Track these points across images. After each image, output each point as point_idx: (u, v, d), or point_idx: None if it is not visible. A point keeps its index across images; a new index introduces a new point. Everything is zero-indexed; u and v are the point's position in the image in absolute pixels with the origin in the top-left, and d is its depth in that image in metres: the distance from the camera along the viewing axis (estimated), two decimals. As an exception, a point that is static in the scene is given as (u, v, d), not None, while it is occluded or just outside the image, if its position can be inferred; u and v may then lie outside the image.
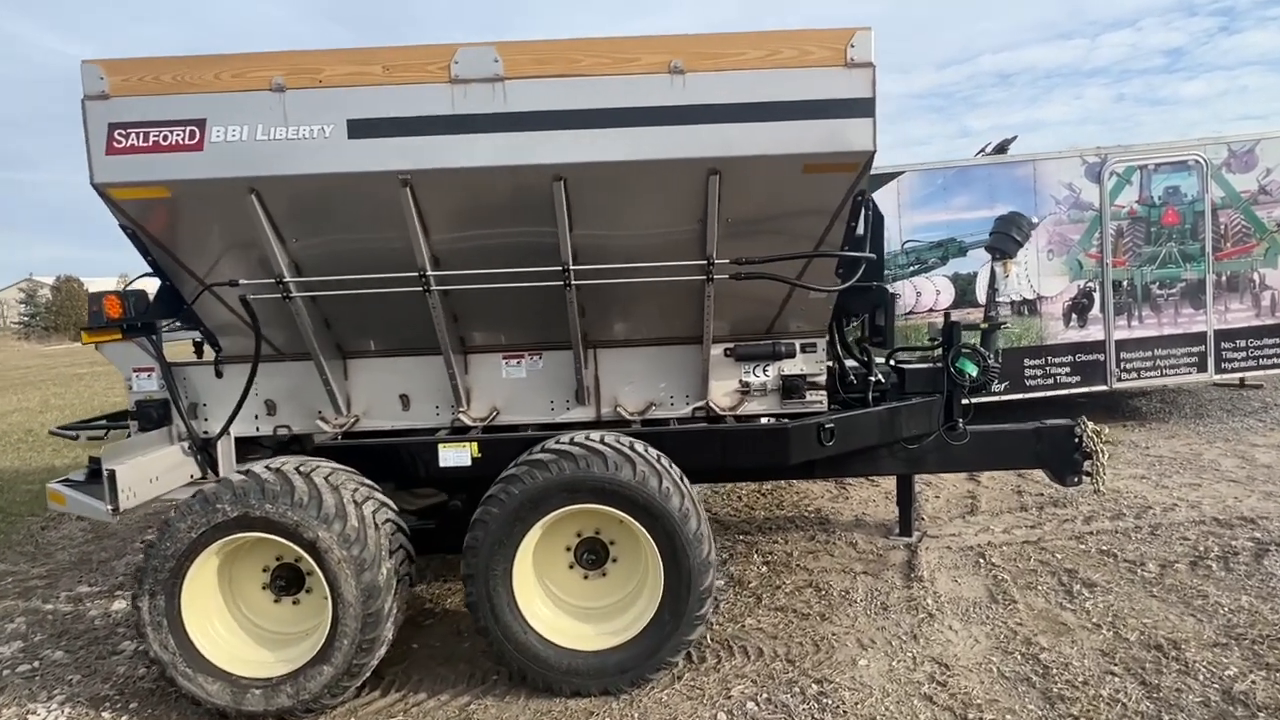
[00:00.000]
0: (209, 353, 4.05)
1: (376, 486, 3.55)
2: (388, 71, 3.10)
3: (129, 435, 4.03)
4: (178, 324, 3.97)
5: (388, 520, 3.38)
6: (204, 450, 3.99)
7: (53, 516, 6.09)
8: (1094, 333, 7.32)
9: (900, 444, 4.39)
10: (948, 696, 3.03)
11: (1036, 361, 7.31)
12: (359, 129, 3.12)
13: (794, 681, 3.20)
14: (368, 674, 3.27)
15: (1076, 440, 4.43)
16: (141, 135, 3.11)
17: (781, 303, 3.80)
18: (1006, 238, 4.45)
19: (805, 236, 3.48)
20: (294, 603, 3.43)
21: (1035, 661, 3.24)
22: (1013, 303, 7.32)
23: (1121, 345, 7.32)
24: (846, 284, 3.60)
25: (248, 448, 4.15)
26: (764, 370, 3.99)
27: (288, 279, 3.42)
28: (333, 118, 3.11)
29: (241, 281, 3.46)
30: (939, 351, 4.54)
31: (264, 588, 3.43)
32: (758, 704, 3.06)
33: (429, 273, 3.42)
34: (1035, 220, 4.57)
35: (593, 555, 3.43)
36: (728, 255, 3.46)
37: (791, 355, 3.94)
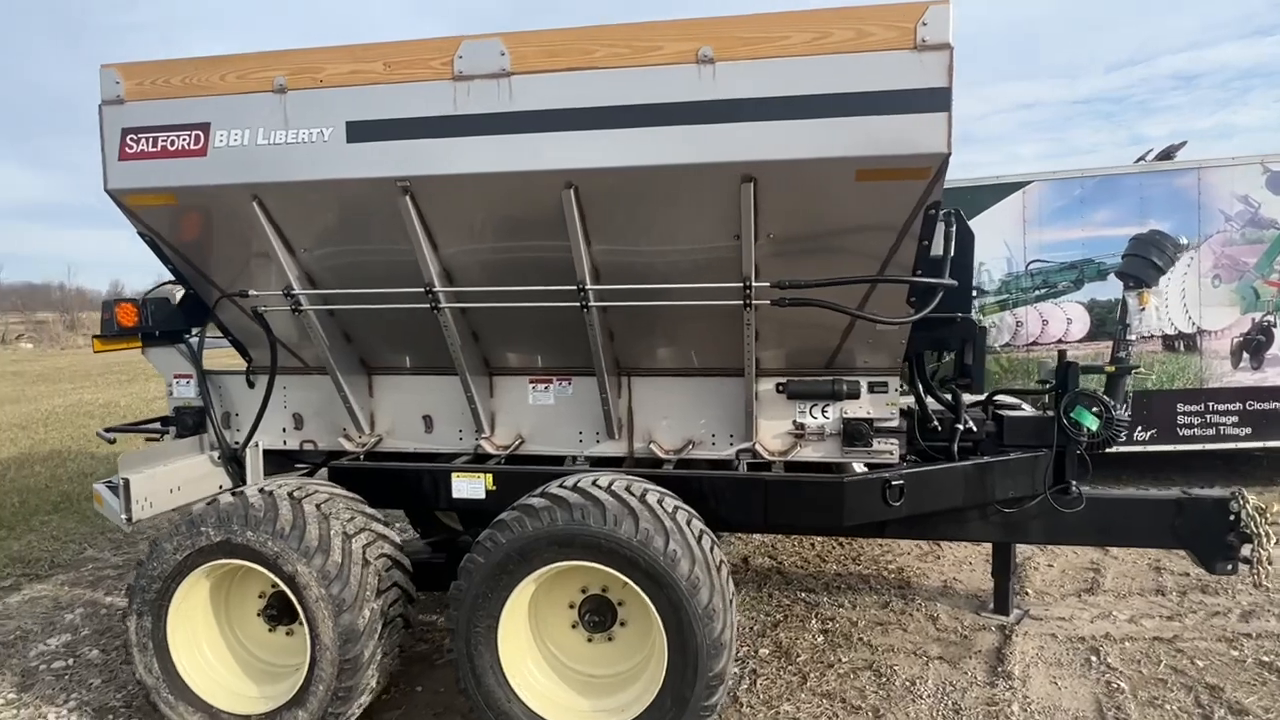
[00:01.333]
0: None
1: (378, 516, 3.31)
2: (389, 69, 2.83)
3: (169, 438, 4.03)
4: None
5: (381, 555, 3.11)
6: (234, 461, 3.92)
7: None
8: (1273, 376, 6.04)
9: (994, 507, 3.66)
10: None
11: (1194, 407, 6.13)
12: (358, 132, 2.87)
13: (821, 800, 2.62)
14: (349, 722, 3.01)
15: (1232, 517, 3.51)
16: (151, 140, 3.02)
17: (843, 333, 3.22)
18: (1145, 262, 3.61)
19: (866, 255, 2.90)
20: (287, 634, 3.23)
21: (1146, 819, 2.49)
22: (1165, 337, 6.19)
23: (1311, 393, 6.00)
24: (918, 315, 2.97)
25: (290, 461, 4.06)
26: (823, 411, 3.42)
27: (296, 291, 3.25)
28: (332, 120, 2.88)
29: (252, 292, 3.32)
30: (1050, 397, 3.75)
31: (259, 614, 3.26)
32: (769, 825, 2.52)
33: (437, 288, 3.14)
34: (1185, 241, 3.69)
35: (597, 617, 2.99)
36: (771, 277, 2.94)
37: (856, 395, 3.35)
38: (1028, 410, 3.93)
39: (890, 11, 2.52)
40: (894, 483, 3.27)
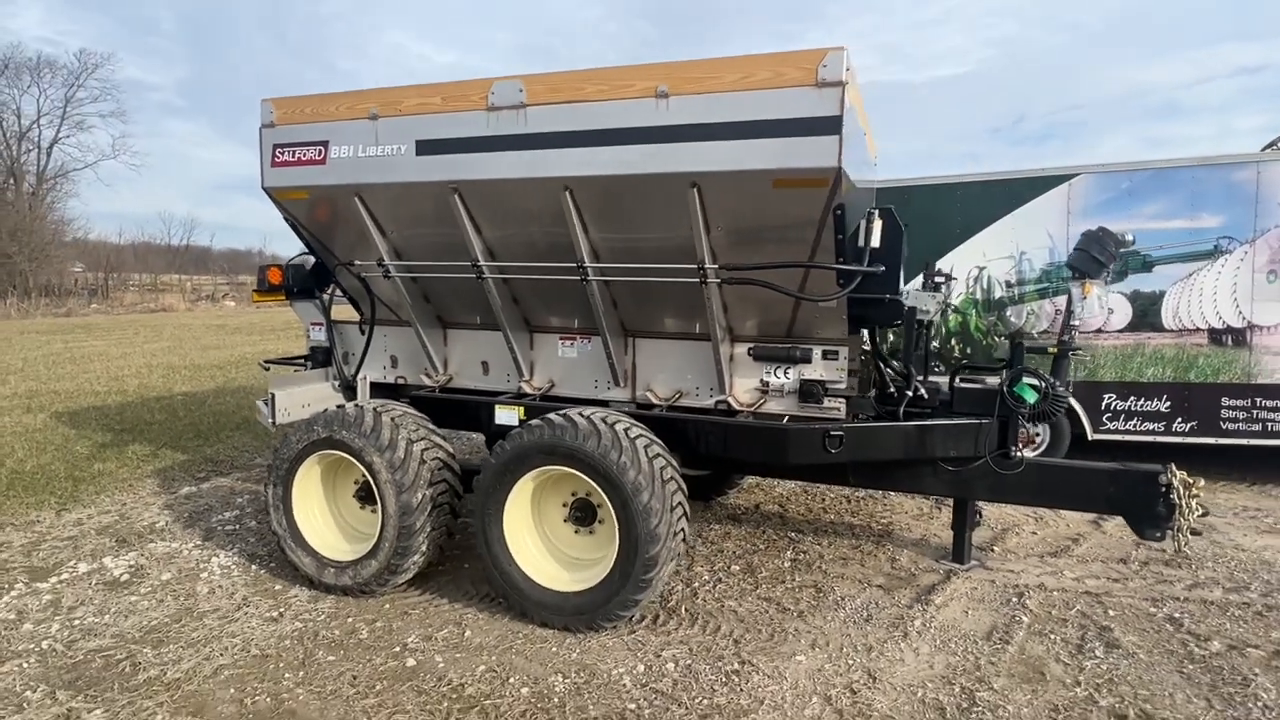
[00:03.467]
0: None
1: (437, 431, 4.44)
2: (445, 101, 3.89)
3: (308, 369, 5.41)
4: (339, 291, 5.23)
5: (435, 458, 4.24)
6: (349, 388, 5.24)
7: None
8: (1329, 375, 5.93)
9: (941, 465, 4.25)
10: (848, 703, 3.10)
11: (1239, 402, 6.13)
12: (424, 148, 3.96)
13: (721, 658, 3.47)
14: (407, 574, 4.18)
15: (1162, 489, 3.92)
16: (291, 153, 4.27)
17: (793, 308, 3.96)
18: (1088, 257, 4.02)
19: (797, 245, 3.62)
20: (371, 511, 4.46)
21: (968, 697, 3.13)
22: (1212, 330, 6.20)
23: (1370, 394, 5.84)
24: (838, 295, 3.66)
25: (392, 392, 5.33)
26: (785, 372, 4.16)
27: (387, 262, 4.42)
28: (407, 139, 3.99)
29: (357, 262, 4.55)
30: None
31: (353, 495, 4.51)
32: (676, 665, 3.40)
33: (481, 263, 4.19)
34: (1130, 239, 3.97)
35: (580, 513, 3.97)
36: (727, 261, 3.75)
37: (808, 360, 4.07)
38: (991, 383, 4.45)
39: (799, 56, 3.24)
40: (833, 433, 3.98)
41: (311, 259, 4.93)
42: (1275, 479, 6.38)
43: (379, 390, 5.21)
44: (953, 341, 6.90)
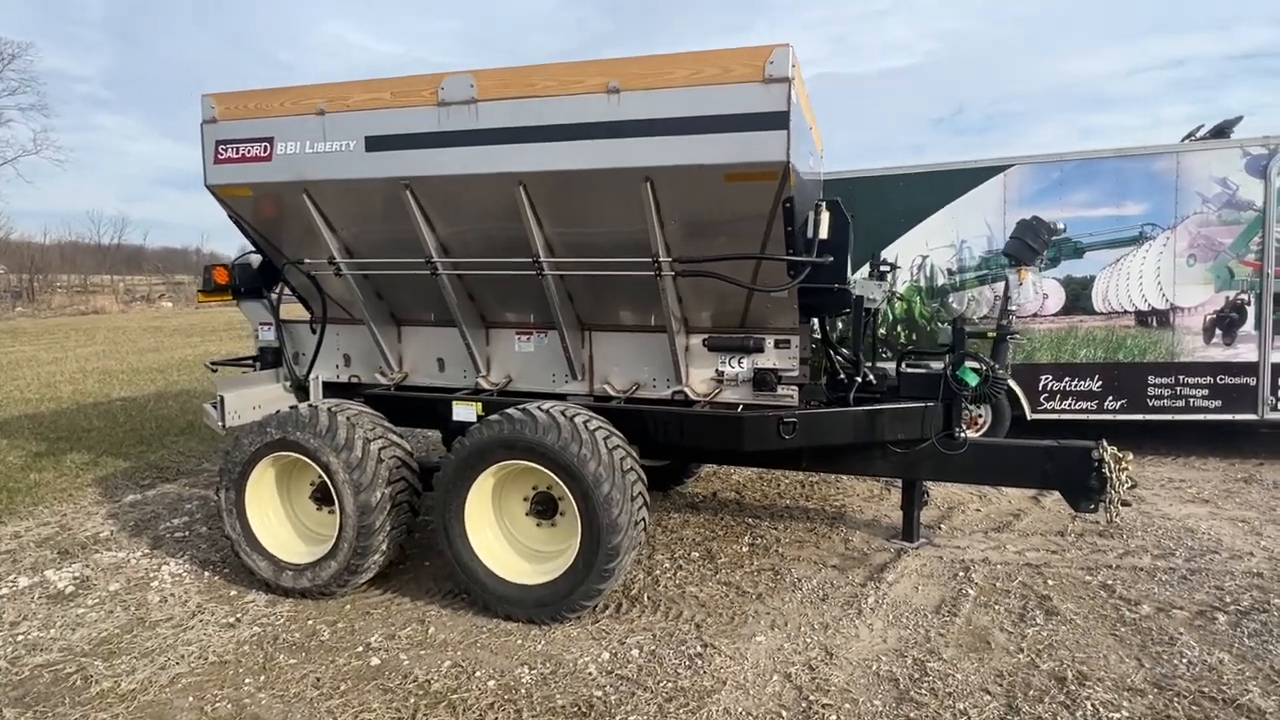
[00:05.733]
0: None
1: (394, 429, 4.41)
2: (394, 96, 3.85)
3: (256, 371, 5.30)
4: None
5: (393, 456, 4.22)
6: (301, 389, 5.15)
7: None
8: (1244, 352, 6.32)
9: (889, 448, 4.41)
10: (807, 679, 3.22)
11: (1164, 380, 6.49)
12: (374, 144, 3.92)
13: (684, 642, 3.55)
14: (368, 574, 4.15)
15: (1094, 464, 4.14)
16: (234, 149, 4.18)
17: (745, 299, 4.05)
18: (1022, 244, 4.22)
19: (748, 237, 3.71)
20: (329, 513, 4.40)
21: (919, 668, 3.28)
22: (1139, 312, 6.55)
23: (1281, 369, 6.25)
24: (787, 285, 3.77)
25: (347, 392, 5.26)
26: (739, 362, 4.25)
27: (338, 260, 4.37)
28: (355, 135, 3.94)
29: (307, 260, 4.47)
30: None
31: (310, 497, 4.45)
32: (640, 651, 3.47)
33: (434, 259, 4.17)
34: (1061, 227, 4.19)
35: (542, 506, 4.01)
36: (681, 254, 3.81)
37: (761, 350, 4.17)
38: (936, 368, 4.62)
39: (746, 54, 3.31)
40: (787, 420, 4.09)
41: (258, 257, 4.83)
42: (1197, 452, 6.78)
43: (332, 390, 5.14)
44: (899, 328, 7.13)
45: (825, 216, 3.80)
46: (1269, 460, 6.56)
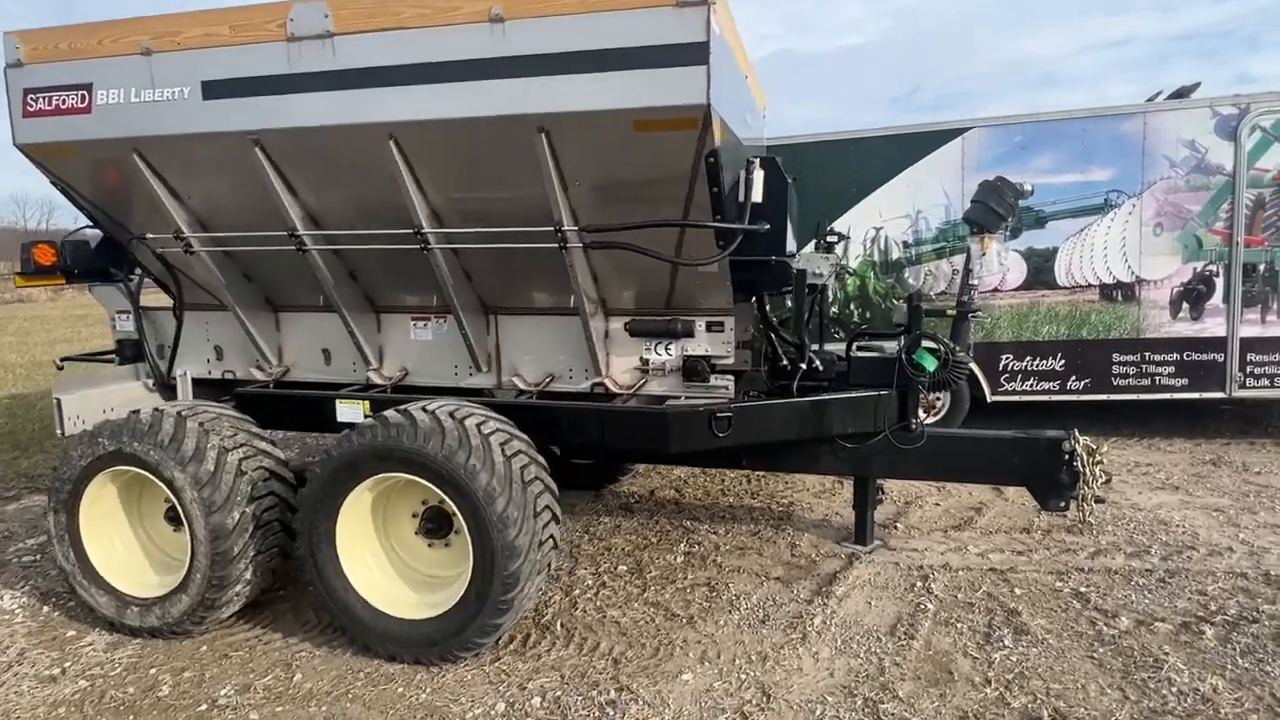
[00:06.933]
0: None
1: (263, 435, 3.74)
2: (234, 31, 3.15)
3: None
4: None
5: (259, 468, 3.55)
6: (168, 387, 4.42)
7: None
8: (1212, 327, 5.96)
9: (840, 442, 3.88)
10: (738, 731, 2.68)
11: (1129, 357, 6.10)
12: (212, 90, 3.21)
13: (597, 684, 2.99)
14: (230, 608, 3.50)
15: (1065, 457, 3.67)
16: (47, 99, 3.42)
17: (670, 275, 3.46)
18: (985, 209, 3.70)
19: (668, 201, 3.11)
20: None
21: (870, 709, 2.77)
22: (1103, 285, 6.14)
23: (1250, 345, 5.91)
24: (716, 258, 3.19)
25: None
26: (666, 349, 3.67)
27: (186, 234, 3.65)
28: (190, 79, 3.22)
29: (149, 236, 3.74)
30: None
31: (164, 517, 3.76)
32: (543, 700, 2.90)
33: (299, 232, 3.49)
34: (1028, 189, 3.69)
35: (432, 524, 3.39)
36: (591, 222, 3.20)
37: (690, 334, 3.59)
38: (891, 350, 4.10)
39: (655, -30, 2.69)
40: (720, 414, 3.52)
41: (96, 233, 4.07)
42: (1163, 433, 6.44)
43: (205, 388, 4.43)
44: (851, 306, 6.62)
45: (758, 176, 3.21)
46: (1234, 440, 6.24)
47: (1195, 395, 6.05)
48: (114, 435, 3.44)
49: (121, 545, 3.71)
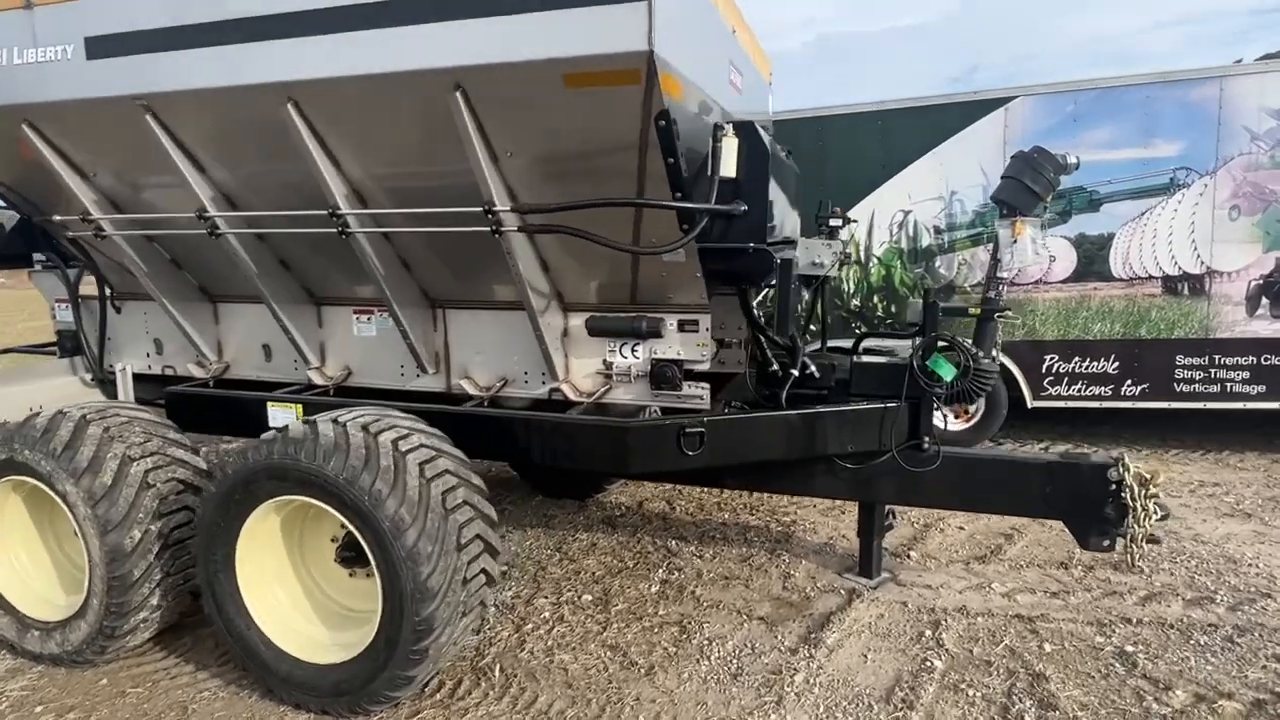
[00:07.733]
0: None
1: (183, 442, 3.33)
2: (117, -23, 2.70)
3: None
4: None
5: (171, 480, 3.14)
6: (107, 383, 4.08)
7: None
8: (1297, 326, 5.15)
9: (839, 462, 3.31)
10: (676, 834, 2.16)
11: (1196, 360, 5.33)
12: (96, 48, 2.78)
13: (522, 755, 2.50)
14: (137, 636, 3.11)
15: (1111, 488, 3.03)
16: (-70, 62, 3.03)
17: (632, 265, 2.93)
18: (1019, 186, 3.05)
19: (618, 175, 2.58)
20: (102, 549, 3.36)
21: (847, 812, 2.22)
22: (1166, 278, 5.37)
23: (1344, 348, 5.09)
24: (677, 245, 2.63)
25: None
26: (632, 350, 3.15)
27: (95, 215, 3.25)
28: (73, 36, 2.80)
29: (56, 218, 3.36)
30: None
31: (74, 533, 3.39)
32: (452, 774, 2.43)
33: (210, 213, 3.06)
34: (1073, 161, 3.02)
35: (352, 552, 2.92)
36: (532, 201, 2.69)
37: (658, 334, 3.06)
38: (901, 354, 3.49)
39: (585, -120, 2.14)
40: (691, 430, 2.98)
41: (12, 214, 3.72)
42: (1232, 445, 5.65)
43: (149, 384, 4.07)
44: (875, 299, 5.97)
45: (728, 145, 2.64)
46: (1317, 456, 5.43)
47: (1273, 405, 5.25)
48: (6, 441, 3.07)
49: (28, 561, 3.36)
